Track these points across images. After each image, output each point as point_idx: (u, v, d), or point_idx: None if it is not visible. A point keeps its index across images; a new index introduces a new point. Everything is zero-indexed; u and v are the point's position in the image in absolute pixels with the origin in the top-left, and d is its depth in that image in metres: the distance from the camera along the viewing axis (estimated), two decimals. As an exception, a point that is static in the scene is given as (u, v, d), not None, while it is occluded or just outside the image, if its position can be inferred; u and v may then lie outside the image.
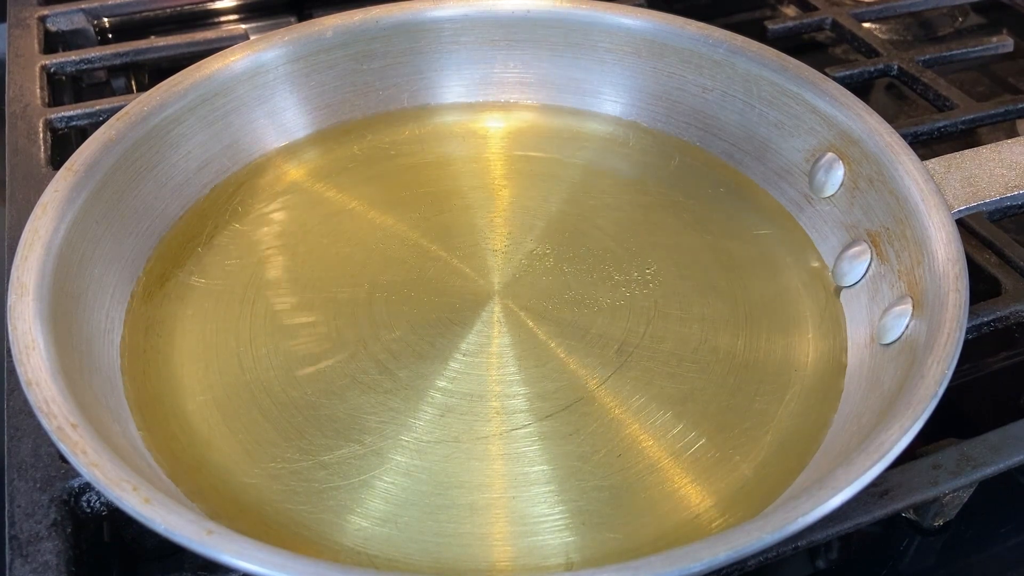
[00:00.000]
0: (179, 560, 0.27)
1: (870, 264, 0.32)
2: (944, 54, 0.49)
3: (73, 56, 0.46)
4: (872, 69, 0.47)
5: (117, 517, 0.27)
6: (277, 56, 0.39)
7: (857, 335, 0.32)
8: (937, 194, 0.31)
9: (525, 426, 0.29)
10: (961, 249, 0.29)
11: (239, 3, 0.55)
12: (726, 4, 0.58)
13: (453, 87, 0.42)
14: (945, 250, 0.29)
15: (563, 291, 0.34)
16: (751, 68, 0.38)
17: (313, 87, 0.40)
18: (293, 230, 0.37)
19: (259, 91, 0.39)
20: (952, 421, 0.31)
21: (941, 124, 0.43)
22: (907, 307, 0.29)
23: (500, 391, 0.30)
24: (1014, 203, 0.33)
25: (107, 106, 0.41)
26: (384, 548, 0.26)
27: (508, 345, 0.32)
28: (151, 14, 0.52)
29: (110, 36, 0.52)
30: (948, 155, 0.33)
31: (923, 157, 0.32)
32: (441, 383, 0.30)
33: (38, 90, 0.43)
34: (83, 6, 0.50)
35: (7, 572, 0.25)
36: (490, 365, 0.31)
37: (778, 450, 0.29)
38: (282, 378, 0.30)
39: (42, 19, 0.49)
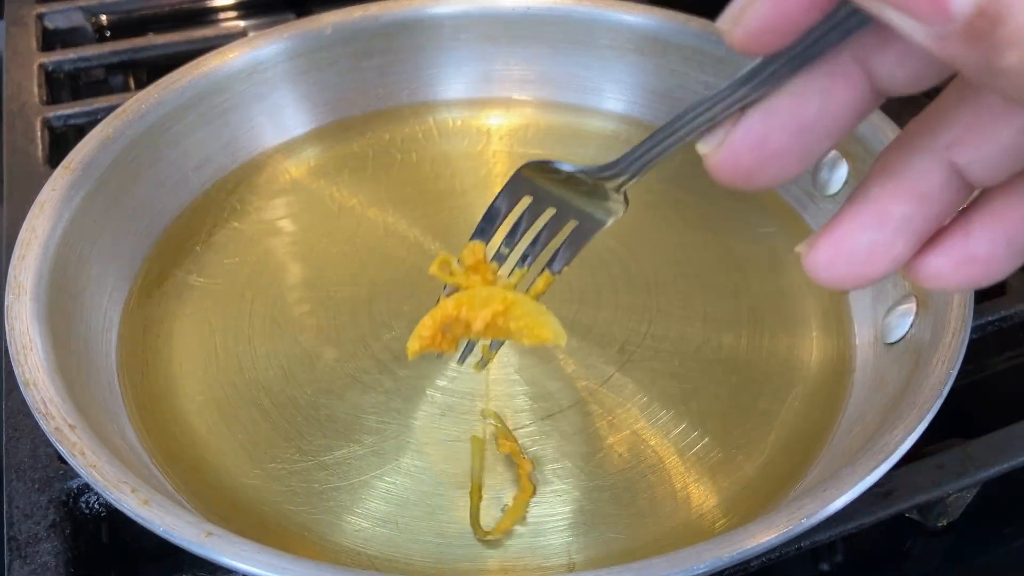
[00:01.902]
0: (178, 561, 0.26)
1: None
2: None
3: (71, 54, 0.46)
4: (875, 66, 0.47)
5: (116, 518, 0.27)
6: (276, 53, 0.39)
7: (861, 334, 0.31)
8: (941, 192, 0.30)
9: (526, 426, 0.29)
10: (965, 247, 0.29)
11: (238, 0, 0.55)
12: (728, 2, 0.58)
13: (453, 84, 0.42)
14: (949, 248, 0.29)
15: (564, 290, 0.33)
16: (753, 65, 0.38)
17: (312, 84, 0.40)
18: (292, 228, 0.36)
19: (258, 88, 0.39)
20: (956, 421, 0.31)
21: (944, 121, 0.43)
22: (911, 306, 0.29)
23: (501, 391, 0.30)
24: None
25: (105, 104, 0.41)
26: (384, 549, 0.26)
27: (509, 344, 0.31)
28: (149, 11, 0.52)
29: (108, 34, 0.52)
30: (952, 152, 0.32)
31: (927, 155, 0.32)
32: (442, 382, 0.30)
33: (36, 88, 0.43)
34: (81, 4, 0.50)
35: (6, 573, 0.25)
36: (491, 364, 0.31)
37: (782, 450, 0.28)
38: (281, 378, 0.30)
39: (40, 17, 0.49)
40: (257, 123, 0.39)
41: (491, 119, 0.42)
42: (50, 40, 0.49)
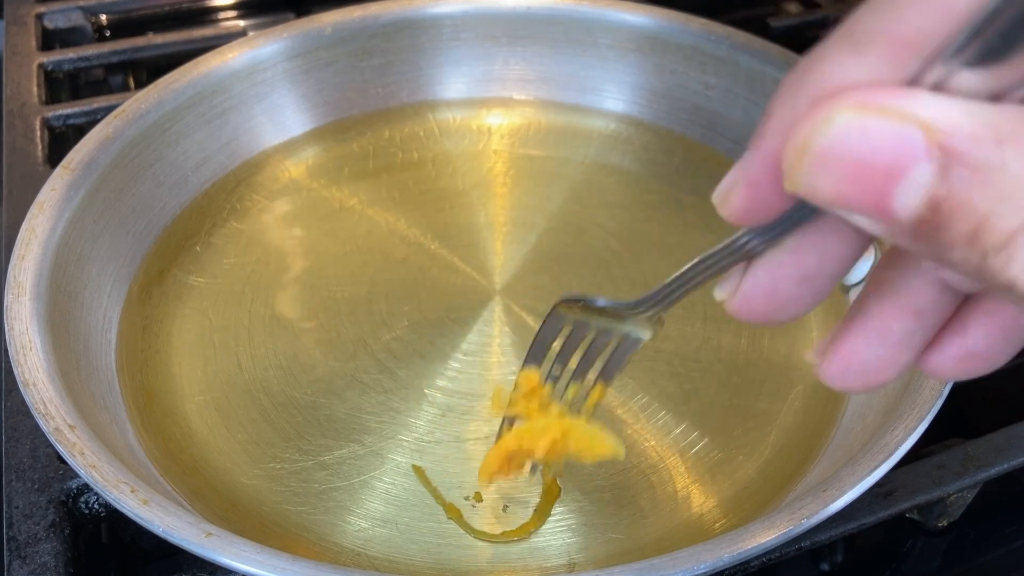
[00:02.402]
0: (178, 561, 0.26)
1: (874, 263, 0.32)
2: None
3: (70, 54, 0.46)
4: (875, 66, 0.47)
5: (115, 518, 0.27)
6: (275, 53, 0.39)
7: (861, 334, 0.31)
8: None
9: (526, 426, 0.29)
10: (966, 247, 0.29)
11: (237, 0, 0.55)
12: (729, 1, 0.58)
13: (453, 84, 0.42)
14: (950, 248, 0.29)
15: (565, 290, 0.33)
16: (754, 65, 0.38)
17: (312, 84, 0.40)
18: (292, 228, 0.36)
19: (257, 88, 0.38)
20: (956, 421, 0.31)
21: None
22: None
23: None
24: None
25: (104, 104, 0.41)
26: (384, 549, 0.26)
27: (509, 344, 0.31)
28: (149, 11, 0.52)
29: (107, 33, 0.52)
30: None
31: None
32: (441, 382, 0.30)
33: (35, 88, 0.43)
34: (80, 3, 0.50)
35: (6, 573, 0.25)
36: (491, 364, 0.31)
37: (782, 449, 0.28)
38: (281, 378, 0.30)
39: (39, 16, 0.49)
40: (257, 123, 0.39)
41: (491, 119, 0.41)
42: (50, 40, 0.49)
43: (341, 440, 0.28)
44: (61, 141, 0.41)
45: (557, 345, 0.24)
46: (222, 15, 0.54)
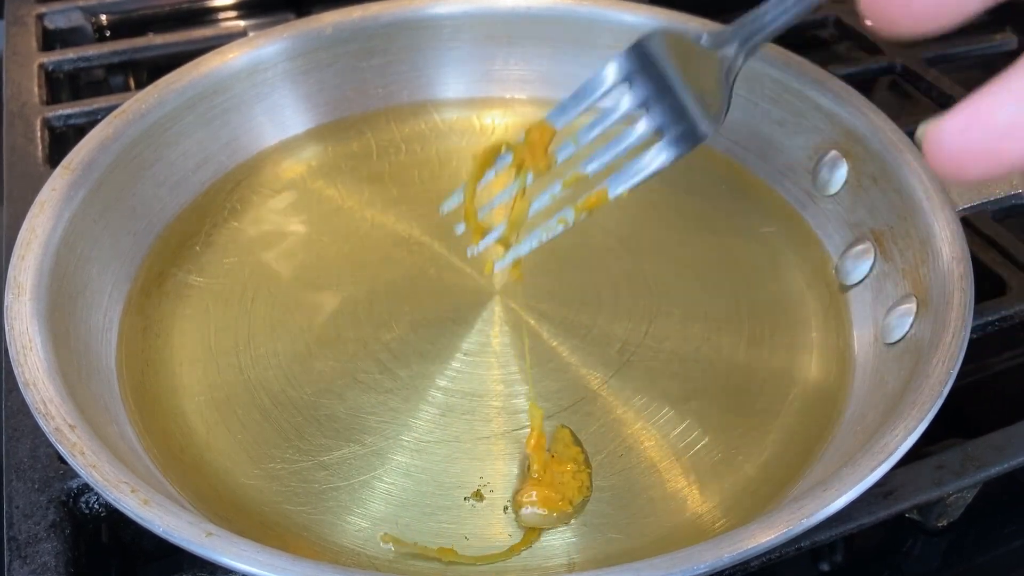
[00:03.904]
0: (178, 561, 0.26)
1: (874, 262, 0.32)
2: (948, 52, 0.49)
3: (71, 54, 0.46)
4: (875, 67, 0.47)
5: (116, 518, 0.27)
6: (276, 53, 0.39)
7: (861, 334, 0.31)
8: (941, 192, 0.30)
9: (526, 426, 0.29)
10: (966, 247, 0.29)
11: (238, 0, 0.55)
12: (728, 1, 0.58)
13: (453, 84, 0.42)
14: (949, 248, 0.29)
15: (565, 290, 0.33)
16: (754, 65, 0.37)
17: (312, 84, 0.40)
18: (292, 228, 0.36)
19: (258, 88, 0.39)
20: (956, 421, 0.31)
21: (944, 121, 0.43)
22: (911, 306, 0.29)
23: (501, 391, 0.30)
24: (1018, 201, 0.33)
25: (105, 104, 0.41)
26: (384, 549, 0.26)
27: (509, 344, 0.31)
28: (149, 11, 0.52)
29: (108, 34, 0.52)
30: (952, 152, 0.32)
31: (927, 155, 0.32)
32: (442, 382, 0.30)
33: (36, 88, 0.43)
34: (81, 4, 0.50)
35: (6, 573, 0.25)
36: (491, 364, 0.31)
37: (782, 449, 0.28)
38: (281, 378, 0.30)
39: (40, 17, 0.49)
40: (257, 123, 0.39)
41: (491, 119, 0.42)
42: (50, 40, 0.49)
43: (341, 440, 0.28)
44: (61, 141, 0.41)
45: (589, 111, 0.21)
46: (222, 15, 0.55)
